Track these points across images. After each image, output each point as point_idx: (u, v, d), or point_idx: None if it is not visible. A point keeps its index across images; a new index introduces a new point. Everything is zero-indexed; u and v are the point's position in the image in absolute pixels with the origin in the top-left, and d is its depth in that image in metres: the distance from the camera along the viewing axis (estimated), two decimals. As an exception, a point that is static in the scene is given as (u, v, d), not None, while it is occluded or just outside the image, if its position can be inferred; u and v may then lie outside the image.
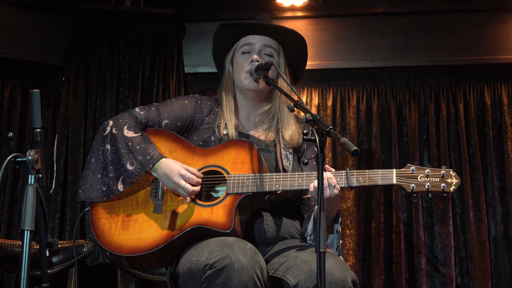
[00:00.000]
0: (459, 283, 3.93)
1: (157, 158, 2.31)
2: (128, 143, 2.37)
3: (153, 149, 2.35)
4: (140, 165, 2.33)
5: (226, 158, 2.35)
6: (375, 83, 4.20)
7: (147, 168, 2.32)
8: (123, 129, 2.41)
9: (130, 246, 2.30)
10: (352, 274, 2.16)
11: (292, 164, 2.48)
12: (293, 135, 2.52)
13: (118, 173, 2.36)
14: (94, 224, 2.38)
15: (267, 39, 2.55)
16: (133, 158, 2.34)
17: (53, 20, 4.19)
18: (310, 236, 2.35)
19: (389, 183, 2.21)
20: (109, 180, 2.37)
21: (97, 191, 2.39)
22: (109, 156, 2.39)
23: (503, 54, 4.13)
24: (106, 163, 2.40)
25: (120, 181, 2.35)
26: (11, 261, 3.36)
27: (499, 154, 4.04)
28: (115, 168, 2.37)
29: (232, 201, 2.26)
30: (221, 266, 2.03)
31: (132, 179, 2.34)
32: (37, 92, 1.92)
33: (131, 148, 2.35)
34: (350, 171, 2.21)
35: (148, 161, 2.32)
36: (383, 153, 4.10)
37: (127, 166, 2.35)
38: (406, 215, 4.02)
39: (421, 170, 2.22)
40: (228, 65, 2.62)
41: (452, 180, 2.20)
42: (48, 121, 4.15)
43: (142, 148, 2.35)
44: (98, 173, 2.40)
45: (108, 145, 2.41)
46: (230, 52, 2.62)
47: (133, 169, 2.33)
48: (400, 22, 4.24)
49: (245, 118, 2.60)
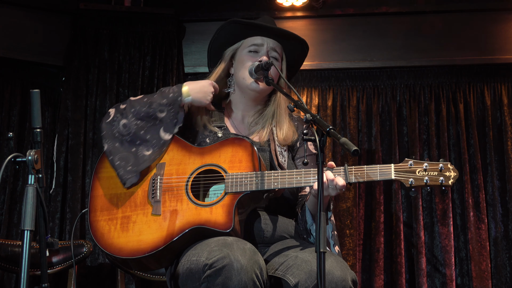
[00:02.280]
0: (459, 283, 3.93)
1: (178, 90, 2.41)
2: (144, 99, 2.43)
3: (166, 89, 2.44)
4: (170, 105, 2.39)
5: (224, 157, 2.34)
6: (375, 83, 4.20)
7: (179, 102, 2.40)
8: (129, 101, 2.46)
9: (130, 248, 2.29)
10: (352, 274, 2.16)
11: (287, 161, 2.48)
12: (287, 136, 2.52)
13: (156, 128, 2.39)
14: (93, 227, 2.37)
15: (275, 42, 2.56)
16: (159, 106, 2.39)
17: (53, 20, 4.19)
18: (312, 226, 2.35)
19: (387, 178, 2.21)
20: (152, 139, 2.38)
21: (143, 157, 2.37)
22: (132, 125, 2.39)
23: (503, 54, 4.13)
24: (133, 133, 2.38)
25: (161, 131, 2.39)
26: (11, 261, 3.36)
27: (499, 154, 4.04)
28: (148, 128, 2.39)
29: (231, 200, 2.26)
30: (220, 266, 2.03)
31: (172, 122, 2.39)
32: (37, 92, 1.92)
33: (150, 102, 2.41)
34: (348, 167, 2.22)
35: (174, 94, 2.40)
36: (383, 153, 4.10)
37: (157, 115, 2.39)
38: (406, 215, 4.02)
39: (419, 164, 2.21)
40: (228, 56, 2.60)
41: (450, 174, 2.20)
42: (48, 121, 4.15)
43: (159, 95, 2.42)
44: (131, 148, 2.38)
45: (123, 119, 2.40)
46: (232, 47, 2.60)
47: (166, 114, 2.39)
48: (400, 22, 4.24)
49: (239, 119, 2.59)
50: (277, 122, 2.54)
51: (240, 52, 2.57)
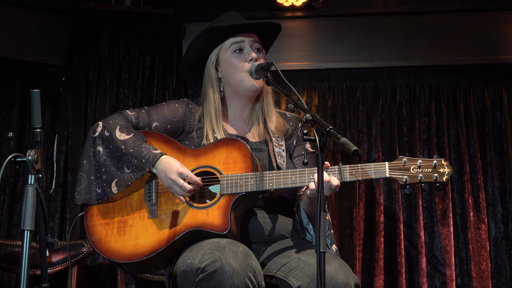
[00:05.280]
0: (459, 283, 3.93)
1: (154, 159, 2.29)
2: (122, 146, 2.34)
3: (147, 150, 2.32)
4: (137, 168, 2.31)
5: (218, 158, 2.33)
6: (375, 83, 4.20)
7: (144, 171, 2.30)
8: (114, 131, 2.37)
9: (127, 252, 2.29)
10: (355, 278, 2.16)
11: (286, 161, 2.48)
12: (279, 124, 2.52)
13: (112, 176, 2.34)
14: (90, 231, 2.37)
15: (253, 35, 2.54)
16: (128, 162, 2.32)
17: (53, 20, 4.19)
18: (309, 225, 2.35)
19: (382, 176, 2.20)
20: (103, 182, 2.36)
21: (91, 193, 2.37)
22: (102, 158, 2.37)
23: (503, 54, 4.13)
24: (99, 165, 2.37)
25: (114, 184, 2.34)
26: (11, 261, 3.36)
27: (499, 154, 4.04)
28: (108, 170, 2.35)
29: (226, 201, 2.25)
30: (212, 270, 2.03)
31: (127, 182, 2.33)
32: (37, 92, 1.91)
33: (125, 151, 2.33)
34: (342, 166, 2.22)
35: (144, 164, 2.30)
36: (383, 153, 4.10)
37: (124, 169, 2.33)
38: (406, 215, 4.02)
39: (413, 161, 2.21)
40: (211, 66, 2.55)
41: (444, 170, 2.20)
42: (48, 121, 4.15)
43: (136, 151, 2.32)
44: (91, 175, 2.38)
45: (100, 147, 2.38)
46: (212, 54, 2.56)
47: (129, 172, 2.32)
48: (400, 22, 4.24)
49: (235, 120, 2.57)
50: (267, 114, 2.53)
51: (223, 55, 2.53)
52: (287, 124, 2.57)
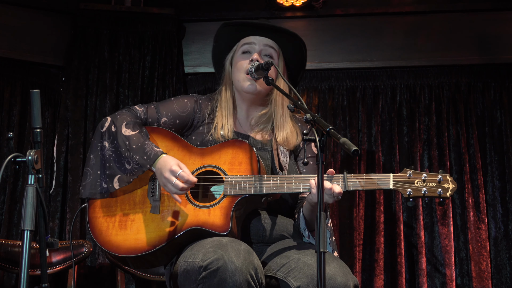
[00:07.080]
0: (459, 283, 3.93)
1: (154, 157, 2.30)
2: (126, 141, 2.35)
3: (150, 147, 2.32)
4: (137, 164, 2.31)
5: (224, 159, 2.34)
6: (375, 83, 4.20)
7: (144, 168, 2.31)
8: (121, 127, 2.39)
9: (127, 246, 2.30)
10: (354, 279, 2.16)
11: (289, 162, 2.48)
12: (289, 137, 2.49)
13: (115, 171, 2.36)
14: (91, 223, 2.38)
15: (267, 40, 2.54)
16: (130, 158, 2.33)
17: (53, 20, 4.19)
18: (305, 232, 2.35)
19: (386, 187, 2.20)
20: (106, 177, 2.37)
21: (97, 187, 2.39)
22: (107, 153, 2.39)
23: (503, 54, 4.13)
24: (105, 160, 2.39)
25: (116, 179, 2.35)
26: (11, 261, 3.36)
27: (499, 154, 4.04)
28: (112, 166, 2.37)
29: (229, 202, 2.26)
30: (215, 268, 2.03)
31: (129, 178, 2.34)
32: (37, 92, 1.91)
33: (128, 147, 2.34)
34: (347, 175, 2.21)
35: (145, 161, 2.30)
36: (383, 153, 4.10)
37: (125, 165, 2.34)
38: (406, 215, 4.02)
39: (418, 174, 2.21)
40: (228, 65, 2.60)
41: (448, 186, 2.19)
42: (48, 121, 4.15)
43: (139, 147, 2.33)
44: (98, 170, 2.40)
45: (106, 142, 2.40)
46: (231, 52, 2.60)
47: (130, 168, 2.33)
48: (400, 22, 4.24)
49: (243, 119, 2.58)
50: (276, 123, 2.52)
51: (235, 54, 2.57)
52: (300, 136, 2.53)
